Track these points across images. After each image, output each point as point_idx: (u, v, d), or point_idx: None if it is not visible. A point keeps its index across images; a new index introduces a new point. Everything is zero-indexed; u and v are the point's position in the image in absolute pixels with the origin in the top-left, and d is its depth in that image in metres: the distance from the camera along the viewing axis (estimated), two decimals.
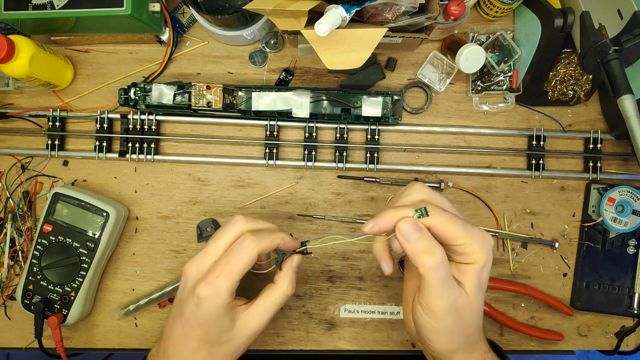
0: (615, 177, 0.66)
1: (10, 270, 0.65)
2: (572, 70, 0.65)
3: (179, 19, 0.66)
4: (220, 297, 0.45)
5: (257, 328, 0.48)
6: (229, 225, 0.48)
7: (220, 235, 0.48)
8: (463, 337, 0.45)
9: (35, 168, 0.66)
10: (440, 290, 0.42)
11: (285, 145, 0.67)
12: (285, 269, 0.49)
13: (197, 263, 0.47)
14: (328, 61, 0.53)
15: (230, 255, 0.46)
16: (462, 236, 0.42)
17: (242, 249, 0.46)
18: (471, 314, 0.44)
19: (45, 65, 0.61)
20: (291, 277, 0.49)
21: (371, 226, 0.44)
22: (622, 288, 0.66)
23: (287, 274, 0.49)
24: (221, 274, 0.45)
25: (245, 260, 0.45)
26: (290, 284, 0.49)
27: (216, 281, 0.45)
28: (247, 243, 0.46)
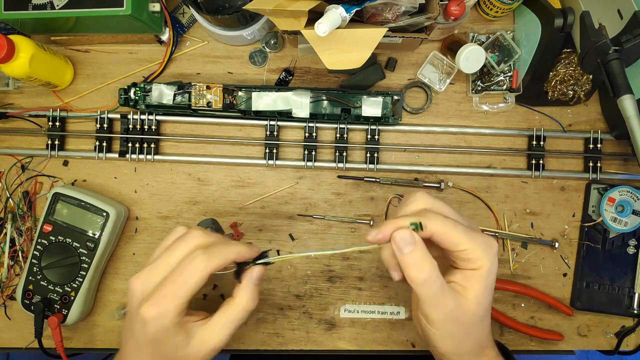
0: (615, 177, 0.66)
1: (10, 270, 0.65)
2: (572, 70, 0.65)
3: (179, 19, 0.66)
4: (166, 318, 0.42)
5: (215, 345, 0.45)
6: (181, 238, 0.45)
7: (171, 249, 0.45)
8: (468, 342, 0.45)
9: (35, 168, 0.66)
10: (432, 302, 0.42)
11: (285, 145, 0.67)
12: (245, 282, 0.46)
13: (144, 278, 0.44)
14: (328, 61, 0.53)
15: (178, 274, 0.43)
16: (465, 242, 0.42)
17: (192, 268, 0.43)
18: (473, 320, 0.44)
19: (45, 65, 0.61)
20: (251, 291, 0.46)
21: (375, 234, 0.43)
22: (622, 288, 0.66)
23: (246, 287, 0.46)
24: (168, 295, 0.42)
25: (194, 281, 0.42)
26: (251, 298, 0.46)
27: (162, 302, 0.42)
28: (198, 262, 0.43)
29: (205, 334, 0.45)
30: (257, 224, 0.66)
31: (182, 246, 0.45)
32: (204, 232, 0.46)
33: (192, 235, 0.45)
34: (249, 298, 0.46)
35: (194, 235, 0.45)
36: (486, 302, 0.44)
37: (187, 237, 0.45)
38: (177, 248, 0.45)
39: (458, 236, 0.42)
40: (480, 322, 0.45)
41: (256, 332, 0.66)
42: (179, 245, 0.45)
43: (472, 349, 0.46)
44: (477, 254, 0.42)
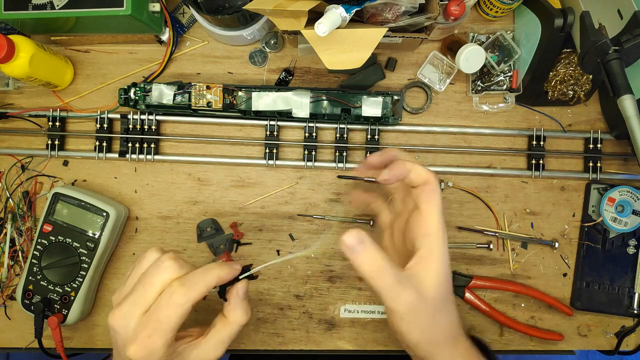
0: (615, 177, 0.66)
1: (10, 270, 0.65)
2: (572, 70, 0.65)
3: (179, 19, 0.66)
4: (156, 354, 0.42)
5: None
6: (155, 265, 0.44)
7: (146, 280, 0.43)
8: (437, 330, 0.45)
9: (35, 168, 0.66)
10: (390, 294, 0.42)
11: (285, 145, 0.67)
12: (233, 300, 0.46)
13: (123, 314, 0.43)
14: (328, 61, 0.53)
15: (159, 311, 0.42)
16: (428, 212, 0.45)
17: (172, 303, 0.42)
18: (436, 305, 0.44)
19: (45, 65, 0.61)
20: (242, 307, 0.46)
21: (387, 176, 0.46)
22: (622, 288, 0.66)
23: (235, 305, 0.46)
24: (153, 335, 0.41)
25: (177, 316, 0.42)
26: (243, 313, 0.46)
27: (148, 342, 0.41)
28: (177, 296, 0.42)
29: (201, 352, 0.45)
30: (257, 224, 0.66)
31: (157, 277, 0.43)
32: (177, 262, 0.44)
33: (165, 266, 0.44)
34: (241, 313, 0.46)
35: (167, 266, 0.43)
36: (445, 284, 0.45)
37: (160, 267, 0.44)
38: (152, 279, 0.43)
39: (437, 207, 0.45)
40: (444, 306, 0.45)
41: (256, 332, 0.66)
42: (154, 276, 0.43)
43: (444, 337, 0.46)
44: (432, 230, 0.45)
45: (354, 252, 0.42)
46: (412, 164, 0.46)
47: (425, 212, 0.45)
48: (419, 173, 0.46)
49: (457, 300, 0.66)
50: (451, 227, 0.67)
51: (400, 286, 0.42)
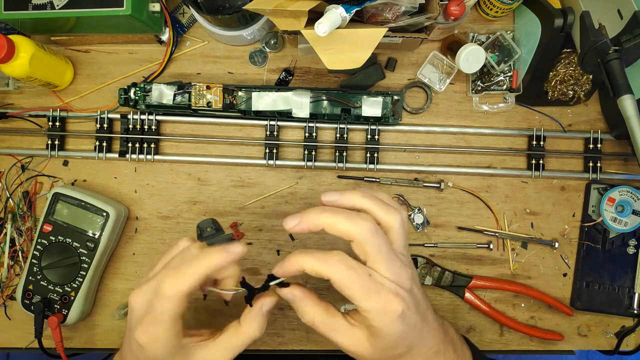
0: (615, 177, 0.66)
1: (10, 270, 0.65)
2: (572, 70, 0.65)
3: (179, 19, 0.66)
4: (159, 343, 0.41)
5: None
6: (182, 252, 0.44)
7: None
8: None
9: (35, 168, 0.66)
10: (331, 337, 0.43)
11: (285, 145, 0.67)
12: (256, 309, 0.44)
13: (143, 294, 0.42)
14: (328, 61, 0.53)
15: (157, 301, 0.41)
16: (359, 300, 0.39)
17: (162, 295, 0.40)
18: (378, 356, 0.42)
19: (45, 65, 0.61)
20: (260, 320, 0.43)
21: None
22: (622, 288, 0.66)
23: (255, 316, 0.43)
24: (154, 323, 0.41)
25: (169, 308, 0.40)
26: (259, 327, 0.43)
27: (151, 329, 0.41)
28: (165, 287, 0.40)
29: (206, 354, 0.43)
30: (257, 224, 0.66)
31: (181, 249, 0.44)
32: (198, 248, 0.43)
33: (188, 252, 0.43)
34: (257, 327, 0.43)
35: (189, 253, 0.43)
36: (391, 352, 0.42)
37: (185, 255, 0.43)
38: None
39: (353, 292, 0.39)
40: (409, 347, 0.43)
41: None
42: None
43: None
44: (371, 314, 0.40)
45: (291, 302, 0.43)
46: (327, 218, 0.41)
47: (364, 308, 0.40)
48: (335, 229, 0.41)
49: (457, 300, 0.66)
50: (451, 227, 0.67)
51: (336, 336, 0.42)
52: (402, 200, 0.66)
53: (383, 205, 0.43)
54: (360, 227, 0.40)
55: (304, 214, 0.42)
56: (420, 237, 0.67)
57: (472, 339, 0.66)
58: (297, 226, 0.42)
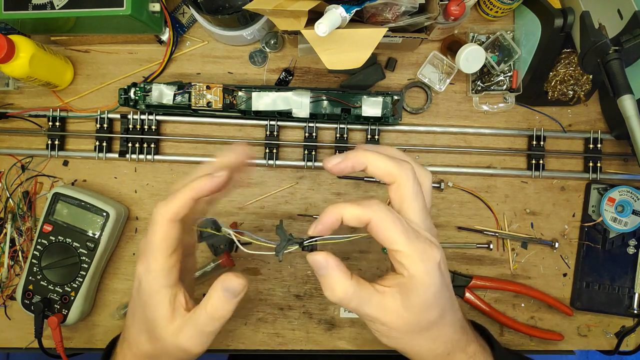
0: (615, 177, 0.66)
1: (10, 270, 0.65)
2: (572, 70, 0.65)
3: (179, 19, 0.66)
4: (151, 274, 0.41)
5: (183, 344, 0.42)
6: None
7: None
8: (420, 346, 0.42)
9: (35, 168, 0.66)
10: (360, 314, 0.41)
11: (285, 146, 0.67)
12: (212, 286, 0.41)
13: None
14: (328, 61, 0.53)
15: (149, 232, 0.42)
16: (400, 242, 0.38)
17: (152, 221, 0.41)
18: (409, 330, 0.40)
19: (45, 65, 0.61)
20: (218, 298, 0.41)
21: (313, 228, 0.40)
22: (622, 288, 0.66)
23: (211, 292, 0.41)
24: (148, 254, 0.41)
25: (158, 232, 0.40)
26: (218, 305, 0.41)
27: (145, 259, 0.41)
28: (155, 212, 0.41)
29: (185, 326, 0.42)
30: (257, 223, 0.66)
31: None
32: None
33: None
34: (214, 307, 0.41)
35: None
36: (434, 308, 0.40)
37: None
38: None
39: (394, 233, 0.37)
40: (424, 331, 0.41)
41: (256, 332, 0.66)
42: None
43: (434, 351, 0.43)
44: (411, 259, 0.38)
45: (318, 272, 0.41)
46: (372, 155, 0.40)
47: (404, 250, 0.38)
48: (378, 167, 0.39)
49: (457, 300, 0.66)
50: (451, 227, 0.67)
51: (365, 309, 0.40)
52: None
53: (416, 162, 0.43)
54: (403, 168, 0.39)
55: (346, 153, 0.40)
56: None
57: None
58: (341, 164, 0.40)
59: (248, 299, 0.66)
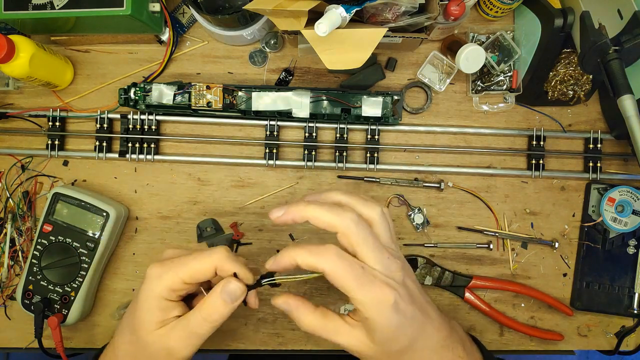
0: (615, 177, 0.66)
1: (10, 270, 0.65)
2: (572, 70, 0.65)
3: (179, 19, 0.66)
4: (159, 282, 0.43)
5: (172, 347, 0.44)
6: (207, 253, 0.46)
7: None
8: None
9: (35, 168, 0.66)
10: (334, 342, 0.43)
11: (285, 145, 0.67)
12: (212, 291, 0.44)
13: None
14: (328, 61, 0.53)
15: (193, 254, 0.45)
16: (353, 291, 0.40)
17: (209, 253, 0.44)
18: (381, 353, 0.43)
19: (45, 65, 0.61)
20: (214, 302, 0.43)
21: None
22: (622, 288, 0.66)
23: (209, 297, 0.44)
24: (175, 262, 0.44)
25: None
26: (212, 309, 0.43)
27: (165, 265, 0.44)
28: (218, 250, 0.44)
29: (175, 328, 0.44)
30: (257, 224, 0.66)
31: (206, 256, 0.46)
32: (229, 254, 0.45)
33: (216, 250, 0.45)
34: (210, 308, 0.43)
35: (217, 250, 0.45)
36: (392, 346, 0.42)
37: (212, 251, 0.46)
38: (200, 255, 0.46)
39: (346, 282, 0.40)
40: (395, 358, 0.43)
41: (256, 332, 0.66)
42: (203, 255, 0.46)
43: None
44: (364, 306, 0.40)
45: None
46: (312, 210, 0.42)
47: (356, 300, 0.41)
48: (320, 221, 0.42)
49: (457, 300, 0.66)
50: (451, 227, 0.67)
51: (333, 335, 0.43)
52: (402, 200, 0.66)
53: (361, 200, 0.44)
54: (343, 217, 0.41)
55: (289, 205, 0.43)
56: (420, 237, 0.67)
57: None
58: (282, 217, 0.43)
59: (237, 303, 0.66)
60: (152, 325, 0.44)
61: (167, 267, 0.44)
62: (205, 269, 0.44)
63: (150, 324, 0.44)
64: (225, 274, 0.44)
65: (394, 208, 0.66)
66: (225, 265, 0.44)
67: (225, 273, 0.44)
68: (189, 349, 0.44)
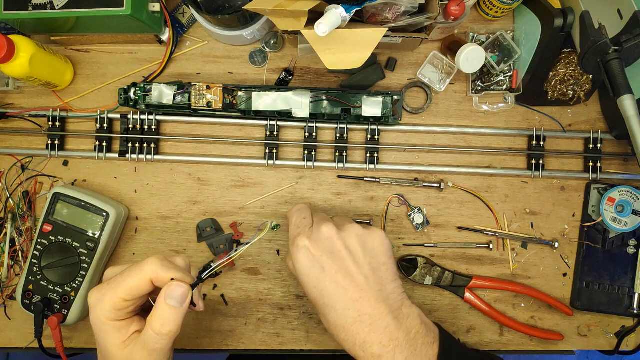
0: (615, 177, 0.66)
1: (10, 270, 0.65)
2: (572, 70, 0.65)
3: (179, 19, 0.66)
4: (102, 306, 0.43)
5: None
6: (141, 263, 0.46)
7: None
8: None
9: (35, 168, 0.66)
10: None
11: (285, 145, 0.67)
12: (157, 301, 0.43)
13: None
14: (328, 61, 0.53)
15: (127, 271, 0.45)
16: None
17: (140, 267, 0.44)
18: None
19: (45, 65, 0.61)
20: (162, 312, 0.43)
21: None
22: (622, 288, 0.66)
23: (156, 308, 0.43)
24: (110, 283, 0.44)
25: (136, 278, 0.44)
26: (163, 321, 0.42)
27: (103, 288, 0.44)
28: (149, 262, 0.44)
29: (135, 348, 0.44)
30: (257, 224, 0.66)
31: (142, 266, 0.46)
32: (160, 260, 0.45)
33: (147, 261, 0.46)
34: (160, 320, 0.42)
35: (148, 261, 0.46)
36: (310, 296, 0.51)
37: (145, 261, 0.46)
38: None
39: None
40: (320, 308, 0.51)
41: (256, 332, 0.66)
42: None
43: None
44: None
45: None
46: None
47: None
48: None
49: (457, 300, 0.66)
50: (451, 227, 0.67)
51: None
52: (402, 200, 0.66)
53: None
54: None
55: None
56: (420, 237, 0.67)
57: (472, 339, 0.66)
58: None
59: (248, 299, 0.66)
60: (114, 348, 0.44)
61: (105, 290, 0.44)
62: (140, 283, 0.44)
63: (112, 347, 0.44)
64: (163, 283, 0.44)
65: (394, 208, 0.66)
66: (160, 273, 0.44)
67: (162, 282, 0.44)
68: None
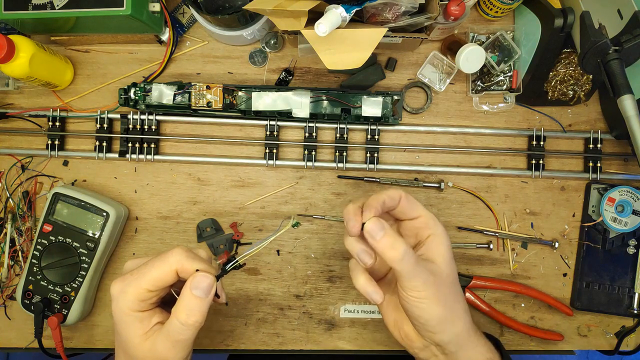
0: (615, 177, 0.66)
1: (10, 270, 0.65)
2: (572, 70, 0.65)
3: (179, 19, 0.66)
4: (125, 297, 0.43)
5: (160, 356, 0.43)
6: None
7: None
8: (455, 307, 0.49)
9: (35, 168, 0.66)
10: (412, 274, 0.45)
11: (285, 145, 0.67)
12: (182, 291, 0.43)
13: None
14: (328, 61, 0.53)
15: (151, 262, 0.44)
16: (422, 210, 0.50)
17: (166, 258, 0.43)
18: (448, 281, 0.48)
19: (45, 65, 0.61)
20: (187, 302, 0.42)
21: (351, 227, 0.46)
22: (622, 288, 0.66)
23: (181, 298, 0.43)
24: (134, 274, 0.44)
25: (161, 268, 0.43)
26: (188, 311, 0.42)
27: (126, 279, 0.44)
28: (174, 252, 0.44)
29: (158, 339, 0.44)
30: (257, 224, 0.66)
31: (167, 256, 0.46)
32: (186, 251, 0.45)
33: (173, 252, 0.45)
34: (186, 311, 0.42)
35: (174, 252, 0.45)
36: (453, 264, 0.49)
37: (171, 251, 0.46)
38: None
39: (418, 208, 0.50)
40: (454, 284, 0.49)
41: (256, 332, 0.66)
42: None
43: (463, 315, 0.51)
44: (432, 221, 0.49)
45: (376, 237, 0.45)
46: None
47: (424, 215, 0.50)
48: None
49: None
50: (451, 227, 0.67)
51: (420, 267, 0.45)
52: None
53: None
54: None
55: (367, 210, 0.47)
56: None
57: None
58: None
59: (248, 299, 0.66)
60: (136, 339, 0.44)
61: (128, 281, 0.44)
62: (166, 274, 0.43)
63: (134, 338, 0.44)
64: (188, 274, 0.44)
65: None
66: (185, 264, 0.43)
67: (187, 273, 0.44)
68: (180, 354, 0.44)
